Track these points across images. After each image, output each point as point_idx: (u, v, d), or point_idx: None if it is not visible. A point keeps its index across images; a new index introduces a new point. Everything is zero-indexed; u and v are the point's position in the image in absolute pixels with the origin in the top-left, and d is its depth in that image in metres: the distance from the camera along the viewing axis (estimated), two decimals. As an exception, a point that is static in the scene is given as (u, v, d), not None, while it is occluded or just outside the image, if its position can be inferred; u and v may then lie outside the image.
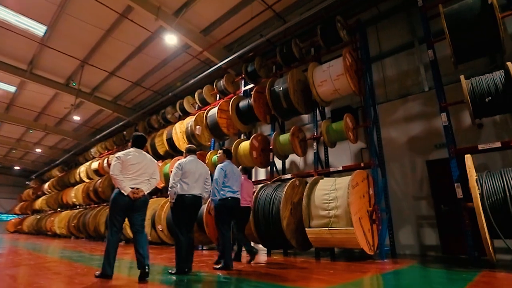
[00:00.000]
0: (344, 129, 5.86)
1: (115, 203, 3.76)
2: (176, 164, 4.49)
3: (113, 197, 3.77)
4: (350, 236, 4.71)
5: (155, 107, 13.74)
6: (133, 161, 3.96)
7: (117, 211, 3.78)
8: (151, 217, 9.73)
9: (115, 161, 3.89)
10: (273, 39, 8.77)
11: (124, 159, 3.91)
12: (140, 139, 4.21)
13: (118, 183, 3.76)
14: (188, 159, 4.55)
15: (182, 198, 4.26)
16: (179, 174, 4.38)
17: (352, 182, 5.04)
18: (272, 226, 5.82)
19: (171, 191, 4.29)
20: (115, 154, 4.11)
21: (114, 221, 3.77)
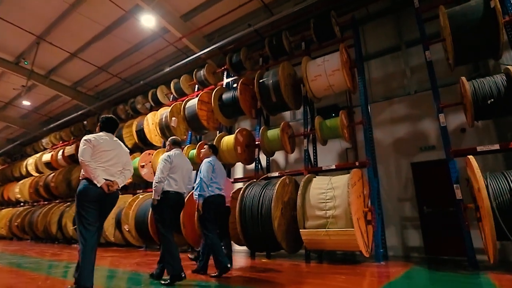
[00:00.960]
0: (339, 126, 5.64)
1: (85, 196, 3.09)
2: (165, 156, 3.92)
3: (81, 189, 3.10)
4: (350, 237, 4.45)
5: (123, 96, 12.54)
6: (105, 147, 3.32)
7: (89, 204, 3.11)
8: (115, 216, 8.74)
9: (84, 145, 3.21)
10: (261, 31, 8.36)
11: (95, 143, 3.25)
12: (112, 122, 3.56)
13: (90, 172, 3.10)
14: (175, 152, 4.00)
15: (168, 196, 3.73)
16: (168, 168, 3.83)
17: (351, 181, 4.80)
18: (261, 227, 5.39)
19: (158, 186, 3.71)
20: (84, 137, 3.39)
21: (87, 217, 3.09)
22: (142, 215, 7.69)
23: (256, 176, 6.72)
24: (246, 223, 5.56)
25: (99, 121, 3.58)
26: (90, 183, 3.12)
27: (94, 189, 3.15)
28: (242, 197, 5.78)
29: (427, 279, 3.72)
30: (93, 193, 3.16)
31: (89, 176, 3.13)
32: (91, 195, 3.15)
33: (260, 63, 7.99)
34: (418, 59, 7.41)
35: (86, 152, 3.21)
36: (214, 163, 4.25)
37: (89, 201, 3.14)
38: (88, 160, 3.18)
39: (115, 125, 3.71)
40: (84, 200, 3.13)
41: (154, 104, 10.52)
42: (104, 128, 3.56)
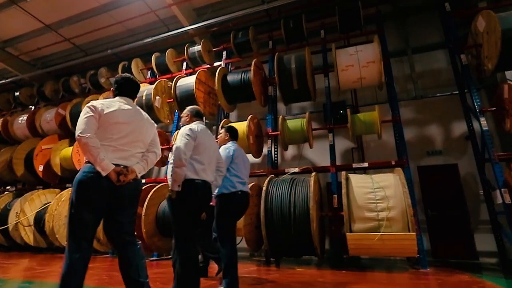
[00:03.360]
0: (377, 120, 5.24)
1: (84, 191, 2.10)
2: (186, 130, 2.81)
3: (79, 179, 2.11)
4: (409, 242, 4.03)
5: (73, 68, 10.23)
6: (119, 117, 2.30)
7: (87, 204, 2.10)
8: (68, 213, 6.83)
9: (86, 114, 2.21)
10: (270, 11, 7.56)
11: (103, 111, 2.22)
12: (132, 84, 2.55)
13: (91, 153, 2.10)
14: (198, 126, 2.90)
15: (194, 186, 2.70)
16: (191, 147, 2.76)
17: (402, 180, 4.42)
18: (294, 230, 4.62)
19: (179, 172, 2.63)
20: (88, 103, 2.29)
21: (81, 224, 2.08)
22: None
23: (268, 171, 5.90)
24: (274, 225, 4.72)
25: (116, 81, 2.51)
26: (93, 171, 2.10)
27: (99, 180, 2.10)
28: (266, 195, 4.93)
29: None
30: (96, 185, 2.10)
31: (89, 159, 2.12)
32: (93, 189, 2.10)
33: (270, 46, 7.17)
34: (422, 66, 7.60)
35: (89, 123, 2.15)
36: (235, 151, 3.30)
37: (89, 198, 2.09)
38: (88, 134, 2.11)
39: (137, 88, 2.61)
40: (81, 197, 2.08)
41: (125, 79, 8.71)
42: (121, 91, 2.49)
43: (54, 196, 7.67)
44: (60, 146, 8.13)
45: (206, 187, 2.83)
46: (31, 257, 6.26)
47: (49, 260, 5.72)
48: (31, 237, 7.20)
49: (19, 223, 7.07)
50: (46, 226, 6.68)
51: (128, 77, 2.57)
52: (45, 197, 7.62)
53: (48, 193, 7.69)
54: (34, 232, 7.25)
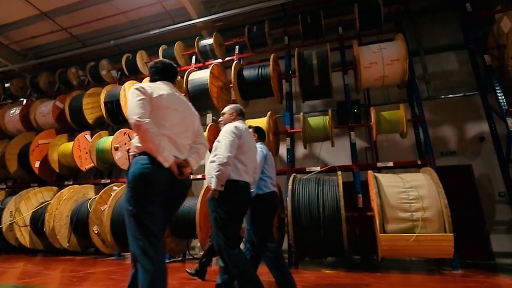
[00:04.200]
0: (403, 119, 5.15)
1: (146, 184, 1.87)
2: (231, 128, 2.69)
3: (139, 171, 1.87)
4: (446, 243, 3.94)
5: (70, 59, 9.67)
6: (170, 103, 2.12)
7: (152, 198, 1.87)
8: (72, 213, 6.41)
9: (137, 96, 1.98)
10: (287, 6, 7.36)
11: (152, 95, 2.02)
12: (171, 68, 2.36)
13: (153, 141, 1.88)
14: (243, 125, 2.79)
15: (237, 188, 2.57)
16: (236, 145, 2.64)
17: (435, 180, 4.34)
18: (324, 230, 4.45)
19: (223, 170, 2.48)
20: (132, 87, 2.08)
21: (150, 221, 1.83)
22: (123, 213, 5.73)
23: (288, 170, 5.70)
24: (301, 226, 4.53)
25: (155, 66, 2.31)
26: (152, 162, 1.87)
27: (161, 171, 1.89)
28: (292, 195, 4.73)
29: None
30: (159, 179, 1.90)
31: (149, 148, 1.88)
32: (156, 183, 1.88)
33: (286, 42, 6.97)
34: (433, 67, 7.61)
35: (144, 107, 1.94)
36: (267, 152, 3.21)
37: (153, 192, 1.88)
38: (146, 119, 1.90)
39: (176, 74, 2.42)
40: (144, 192, 1.85)
41: (129, 72, 8.31)
42: (162, 75, 2.28)
43: (51, 194, 7.21)
44: (58, 141, 7.63)
45: (248, 190, 2.70)
46: (30, 260, 5.80)
47: (52, 263, 5.29)
48: (27, 238, 6.70)
49: (15, 223, 6.56)
50: (45, 227, 6.22)
51: (167, 61, 2.38)
52: (42, 196, 7.12)
53: (45, 191, 7.19)
54: (30, 233, 6.76)
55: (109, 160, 7.00)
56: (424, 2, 7.77)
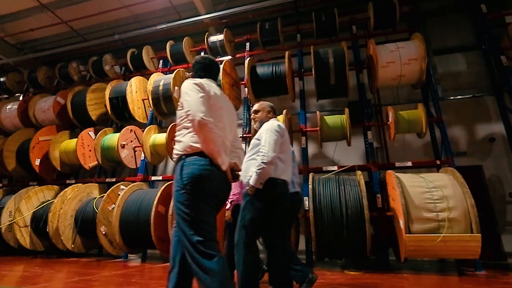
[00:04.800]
0: (422, 119, 5.12)
1: (205, 187, 1.79)
2: (275, 125, 2.65)
3: (198, 173, 1.77)
4: (474, 244, 3.90)
5: (69, 54, 9.35)
6: (220, 102, 2.06)
7: (209, 201, 1.80)
8: (77, 213, 6.15)
9: (199, 93, 1.90)
10: (298, 4, 7.27)
11: (210, 93, 1.97)
12: (218, 67, 2.32)
13: (216, 142, 1.83)
14: (280, 124, 2.71)
15: (274, 186, 2.49)
16: (279, 144, 2.60)
17: (459, 180, 4.31)
18: (346, 231, 4.36)
19: (266, 169, 2.42)
20: (188, 80, 2.00)
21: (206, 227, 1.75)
22: (133, 213, 5.53)
23: (304, 169, 5.60)
24: (323, 226, 4.43)
25: (198, 62, 2.21)
26: (211, 164, 1.81)
27: (217, 174, 1.84)
28: (313, 195, 4.63)
29: None
30: (217, 181, 1.84)
31: (210, 149, 1.81)
32: (214, 186, 1.81)
33: (298, 39, 6.86)
34: (441, 68, 7.65)
35: (205, 105, 1.86)
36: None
37: (211, 195, 1.80)
38: (210, 118, 1.83)
39: (219, 70, 2.34)
40: (202, 195, 1.76)
41: (134, 68, 8.05)
42: (208, 72, 2.20)
43: (53, 193, 6.92)
44: (60, 138, 7.33)
45: (286, 188, 2.64)
46: (33, 262, 5.51)
47: (59, 265, 5.04)
48: (27, 239, 6.40)
49: (15, 223, 6.25)
50: (48, 227, 5.94)
51: (213, 58, 2.29)
52: (43, 195, 6.82)
53: (46, 190, 6.89)
54: (30, 234, 6.46)
55: (115, 158, 6.77)
56: (433, 3, 7.79)
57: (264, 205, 2.49)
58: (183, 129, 1.94)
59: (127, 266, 5.08)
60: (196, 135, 1.84)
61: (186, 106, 1.87)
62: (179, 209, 1.74)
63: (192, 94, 1.89)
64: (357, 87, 6.17)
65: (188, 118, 1.84)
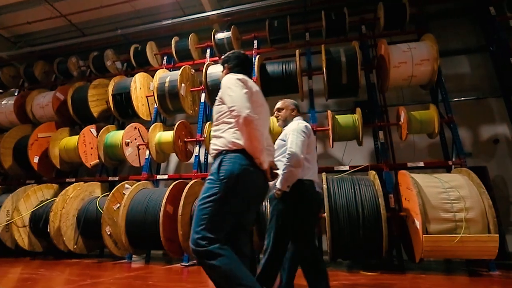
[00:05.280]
0: (435, 119, 5.13)
1: (243, 186, 1.75)
2: (302, 127, 2.62)
3: (238, 171, 1.72)
4: (492, 244, 3.92)
5: (71, 48, 9.06)
6: (262, 100, 2.07)
7: (242, 202, 1.77)
8: (79, 213, 5.94)
9: (243, 89, 1.86)
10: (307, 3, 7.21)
11: (252, 89, 1.96)
12: (250, 62, 2.26)
13: (259, 140, 1.76)
14: (307, 124, 2.69)
15: (302, 186, 2.46)
16: (306, 145, 2.56)
17: (476, 180, 4.32)
18: (362, 231, 4.32)
19: (295, 172, 2.40)
20: (230, 75, 1.97)
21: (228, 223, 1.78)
22: (140, 213, 5.37)
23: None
24: (340, 227, 4.38)
25: (233, 58, 2.17)
26: (252, 162, 1.76)
27: (257, 173, 1.79)
28: (328, 194, 4.58)
29: None
30: (256, 181, 1.80)
31: (254, 147, 1.75)
32: (253, 186, 1.79)
33: (307, 38, 6.81)
34: (446, 70, 7.71)
35: (248, 99, 1.84)
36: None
37: (247, 195, 1.76)
38: (254, 114, 1.78)
39: (252, 66, 2.35)
40: (238, 194, 1.72)
41: (137, 64, 7.85)
42: (244, 68, 2.17)
43: (52, 192, 6.69)
44: (60, 135, 7.08)
45: (313, 188, 2.59)
46: (36, 264, 5.29)
47: (64, 266, 4.84)
48: (25, 240, 6.14)
49: (13, 223, 5.99)
50: (50, 227, 5.71)
51: (245, 54, 2.25)
52: (42, 194, 6.57)
53: (45, 189, 6.64)
54: (29, 234, 6.20)
55: (118, 156, 6.58)
56: (437, 6, 7.86)
57: (292, 208, 2.44)
58: (223, 124, 1.89)
59: (135, 267, 4.92)
60: (238, 132, 1.80)
61: (230, 101, 1.82)
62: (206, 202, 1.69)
63: (236, 90, 1.83)
64: (366, 87, 6.16)
65: (232, 114, 1.79)
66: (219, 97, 1.96)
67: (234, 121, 1.80)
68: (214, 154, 1.88)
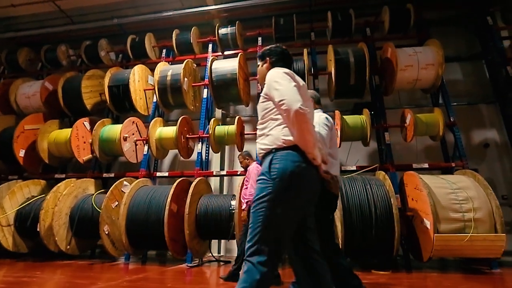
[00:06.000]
0: (439, 122, 5.29)
1: (298, 185, 1.63)
2: (323, 119, 2.53)
3: (292, 169, 1.61)
4: (499, 243, 4.08)
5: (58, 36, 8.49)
6: (306, 94, 1.98)
7: (297, 201, 1.66)
8: (72, 211, 5.56)
9: (290, 82, 1.77)
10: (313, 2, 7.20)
11: (299, 83, 1.86)
12: (291, 58, 2.15)
13: (312, 134, 1.69)
14: (328, 116, 2.62)
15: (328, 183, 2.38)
16: (329, 139, 2.52)
17: (482, 182, 4.49)
18: (375, 231, 4.36)
19: None
20: (276, 69, 1.86)
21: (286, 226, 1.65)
22: (142, 211, 5.11)
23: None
24: (352, 225, 4.39)
25: (274, 53, 2.04)
26: (304, 159, 1.65)
27: (311, 170, 1.70)
28: (341, 194, 4.58)
29: None
30: (311, 179, 1.71)
31: (307, 141, 1.65)
32: (308, 184, 1.68)
33: (312, 38, 6.81)
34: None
35: (298, 92, 1.73)
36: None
37: (302, 195, 1.66)
38: (306, 107, 1.68)
39: (292, 62, 2.20)
40: (293, 194, 1.61)
41: (134, 56, 7.50)
42: (286, 63, 2.04)
43: (39, 189, 6.25)
44: (49, 127, 6.62)
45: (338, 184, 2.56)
46: (26, 267, 4.88)
47: (60, 269, 4.50)
48: (9, 240, 5.68)
49: (-3, 222, 5.51)
50: (40, 226, 5.30)
51: (285, 49, 2.11)
52: (29, 190, 6.11)
53: (32, 185, 6.18)
54: (13, 234, 5.74)
55: (114, 151, 6.25)
56: (437, 13, 8.13)
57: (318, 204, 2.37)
58: (271, 121, 1.79)
59: (139, 268, 4.67)
60: (286, 128, 1.71)
61: (278, 95, 1.71)
62: (261, 203, 1.59)
63: (284, 83, 1.74)
64: (370, 89, 6.25)
65: (282, 108, 1.68)
66: (264, 93, 1.85)
67: (284, 117, 1.70)
68: (262, 154, 1.78)
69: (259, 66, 2.12)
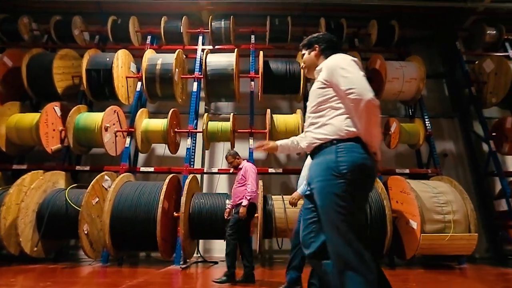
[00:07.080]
0: (420, 132, 5.82)
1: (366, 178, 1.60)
2: None
3: (360, 162, 1.54)
4: (473, 242, 4.63)
5: (20, 4, 7.34)
6: None
7: (367, 195, 1.68)
8: (38, 207, 4.87)
9: (360, 71, 1.65)
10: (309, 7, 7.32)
11: None
12: (341, 47, 2.25)
13: (379, 126, 1.63)
14: None
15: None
16: None
17: (458, 187, 5.05)
18: (370, 231, 4.63)
19: None
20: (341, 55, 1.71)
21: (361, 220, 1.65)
22: (130, 209, 4.70)
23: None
24: (350, 226, 4.59)
25: (323, 40, 1.92)
26: (368, 152, 1.60)
27: (374, 163, 1.65)
28: (339, 194, 4.76)
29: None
30: (375, 172, 1.67)
31: (373, 133, 1.59)
32: (373, 177, 1.66)
33: (305, 42, 6.93)
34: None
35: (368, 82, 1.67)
36: None
37: (369, 188, 1.65)
38: None
39: None
40: (363, 187, 1.59)
41: (114, 39, 6.83)
42: (335, 52, 1.86)
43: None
44: (8, 110, 5.70)
45: None
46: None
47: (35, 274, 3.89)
48: (-47, 242, 4.74)
49: None
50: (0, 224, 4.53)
51: (331, 35, 2.00)
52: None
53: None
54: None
55: (91, 141, 5.66)
56: (408, 33, 8.91)
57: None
58: (330, 110, 1.68)
59: (132, 272, 4.28)
60: (349, 118, 1.61)
61: (347, 83, 1.58)
62: (334, 202, 1.50)
63: (353, 71, 1.61)
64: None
65: (350, 97, 1.56)
66: (323, 79, 1.70)
67: (351, 106, 1.59)
68: (317, 144, 1.66)
69: (305, 54, 1.98)
